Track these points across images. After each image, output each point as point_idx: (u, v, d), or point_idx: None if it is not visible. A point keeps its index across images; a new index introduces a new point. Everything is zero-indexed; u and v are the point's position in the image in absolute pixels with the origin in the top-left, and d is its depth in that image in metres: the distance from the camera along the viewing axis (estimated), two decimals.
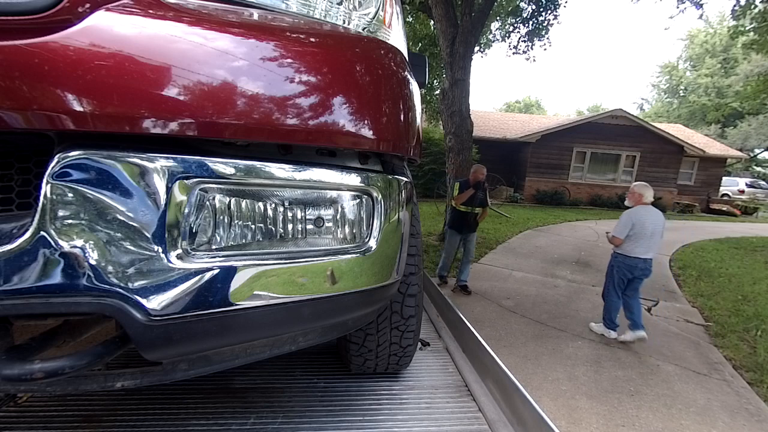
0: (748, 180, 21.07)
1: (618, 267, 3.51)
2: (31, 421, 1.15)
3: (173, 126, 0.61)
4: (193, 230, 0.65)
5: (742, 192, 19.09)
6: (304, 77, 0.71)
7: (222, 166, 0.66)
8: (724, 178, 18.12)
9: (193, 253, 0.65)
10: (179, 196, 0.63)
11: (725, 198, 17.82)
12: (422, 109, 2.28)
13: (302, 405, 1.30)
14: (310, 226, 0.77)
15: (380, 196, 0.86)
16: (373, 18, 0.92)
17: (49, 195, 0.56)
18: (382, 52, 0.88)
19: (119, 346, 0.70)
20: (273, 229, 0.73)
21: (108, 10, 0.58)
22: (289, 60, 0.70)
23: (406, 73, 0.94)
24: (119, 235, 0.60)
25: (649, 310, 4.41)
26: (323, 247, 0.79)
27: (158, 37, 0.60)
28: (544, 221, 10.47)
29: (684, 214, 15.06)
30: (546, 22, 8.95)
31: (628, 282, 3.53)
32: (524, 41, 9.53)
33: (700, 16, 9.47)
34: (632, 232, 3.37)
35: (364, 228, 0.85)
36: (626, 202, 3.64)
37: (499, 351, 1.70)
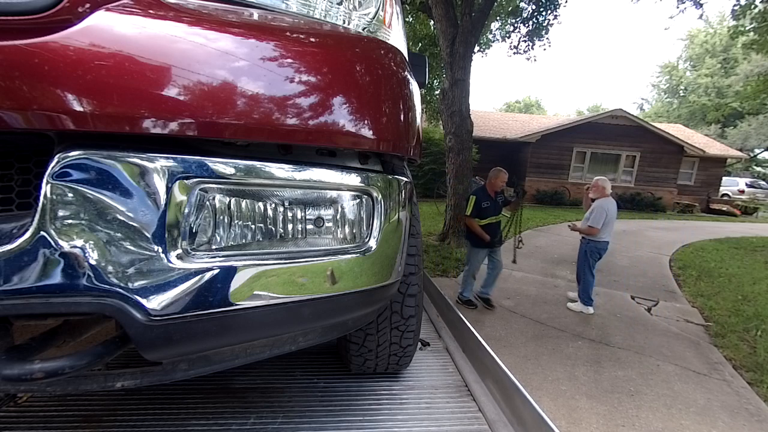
0: (748, 180, 21.05)
1: (591, 251, 4.14)
2: (31, 421, 1.15)
3: (173, 126, 0.61)
4: (193, 230, 0.65)
5: (742, 192, 19.08)
6: (304, 77, 0.71)
7: (222, 166, 0.66)
8: (724, 178, 18.11)
9: (193, 253, 0.65)
10: (179, 196, 0.63)
11: (725, 198, 17.81)
12: (422, 109, 2.28)
13: (302, 405, 1.30)
14: (310, 226, 0.77)
15: (380, 196, 0.86)
16: (373, 18, 0.92)
17: (49, 195, 0.56)
18: (382, 52, 0.88)
19: (119, 346, 0.70)
20: (273, 229, 0.73)
21: (108, 10, 0.58)
22: (289, 60, 0.70)
23: (406, 73, 0.94)
24: (119, 235, 0.60)
25: (649, 310, 4.42)
26: (323, 247, 0.79)
27: (158, 37, 0.60)
28: (544, 221, 10.46)
29: (684, 214, 15.04)
30: (546, 21, 8.95)
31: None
32: (524, 41, 9.54)
33: (700, 16, 9.48)
34: (605, 220, 3.97)
35: (364, 228, 0.85)
36: (591, 195, 4.26)
37: (499, 351, 1.70)
